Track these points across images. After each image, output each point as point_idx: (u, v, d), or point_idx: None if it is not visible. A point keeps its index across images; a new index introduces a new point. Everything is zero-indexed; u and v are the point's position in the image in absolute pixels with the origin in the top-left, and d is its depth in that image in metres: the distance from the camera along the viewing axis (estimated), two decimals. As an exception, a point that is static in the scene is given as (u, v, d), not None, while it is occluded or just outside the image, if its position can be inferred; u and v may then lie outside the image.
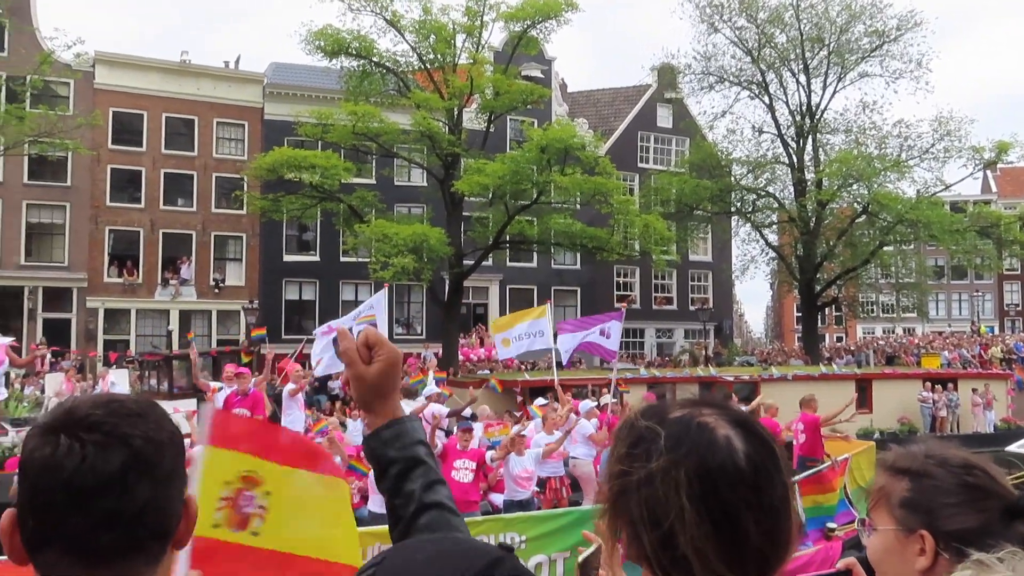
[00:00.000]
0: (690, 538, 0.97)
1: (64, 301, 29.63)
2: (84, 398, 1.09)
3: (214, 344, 29.52)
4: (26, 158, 27.57)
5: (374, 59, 26.91)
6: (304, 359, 26.51)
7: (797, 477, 9.11)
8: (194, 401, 20.69)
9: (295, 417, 11.19)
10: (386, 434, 1.29)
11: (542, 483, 10.31)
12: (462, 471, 9.08)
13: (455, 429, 10.40)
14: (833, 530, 8.41)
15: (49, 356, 25.40)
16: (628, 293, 37.93)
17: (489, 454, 9.81)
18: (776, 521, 1.00)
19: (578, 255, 32.41)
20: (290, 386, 11.11)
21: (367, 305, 13.67)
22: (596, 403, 13.41)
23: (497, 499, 10.07)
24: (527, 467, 9.64)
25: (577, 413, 11.45)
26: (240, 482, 2.08)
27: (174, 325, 30.27)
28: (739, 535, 0.98)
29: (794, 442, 11.80)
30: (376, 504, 8.69)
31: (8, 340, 12.61)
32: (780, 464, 1.04)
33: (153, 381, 22.87)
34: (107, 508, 0.99)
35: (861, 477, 10.70)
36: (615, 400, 13.80)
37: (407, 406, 11.50)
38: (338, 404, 23.66)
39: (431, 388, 12.87)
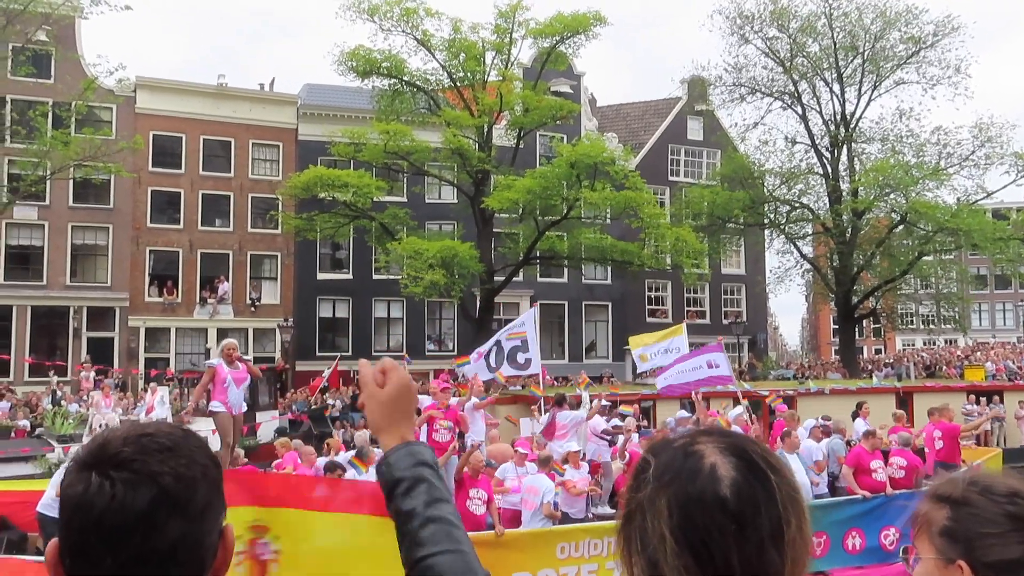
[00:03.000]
0: (672, 567, 0.97)
1: (107, 320, 30.37)
2: (118, 431, 1.11)
3: (250, 361, 29.92)
4: (71, 181, 28.39)
5: (405, 78, 27.30)
6: (340, 376, 26.89)
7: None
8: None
9: (478, 429, 11.33)
10: (395, 456, 1.33)
11: None
12: None
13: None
14: None
15: (94, 375, 26.07)
16: (660, 307, 37.68)
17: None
18: (762, 553, 0.98)
19: (609, 269, 32.32)
20: (474, 400, 11.36)
21: (519, 321, 13.95)
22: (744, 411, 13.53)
23: None
24: None
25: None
26: (250, 532, 2.13)
27: (212, 343, 30.82)
28: (720, 566, 0.96)
29: (926, 450, 12.29)
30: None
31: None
32: (776, 495, 1.01)
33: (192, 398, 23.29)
34: (137, 546, 1.00)
35: None
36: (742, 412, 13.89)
37: (568, 416, 11.63)
38: (360, 421, 23.89)
39: (586, 400, 12.93)
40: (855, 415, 15.31)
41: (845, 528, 9.72)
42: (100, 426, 20.53)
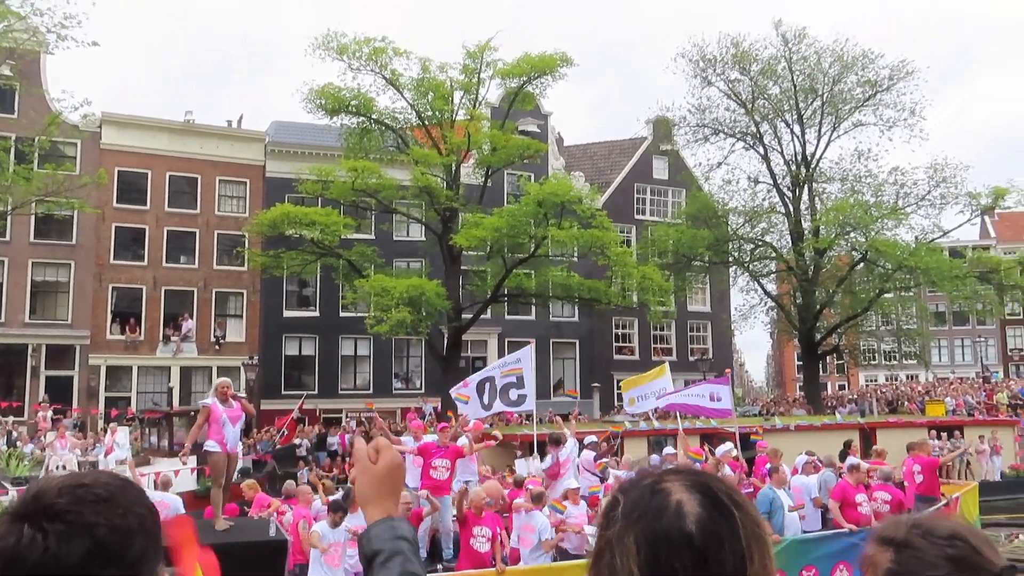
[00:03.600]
0: None
1: (67, 359, 29.72)
2: (53, 480, 1.09)
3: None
4: (32, 217, 27.96)
5: (373, 116, 27.46)
6: (306, 414, 26.55)
7: (928, 511, 9.72)
8: (194, 459, 20.64)
9: (470, 469, 11.41)
10: (377, 529, 1.38)
11: None
12: None
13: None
14: None
15: (51, 414, 25.43)
16: (627, 344, 37.89)
17: None
18: None
19: (576, 307, 32.48)
20: (465, 439, 11.51)
21: (515, 358, 13.81)
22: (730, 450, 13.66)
23: None
24: None
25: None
26: None
27: (175, 382, 30.30)
28: None
29: (906, 483, 12.64)
30: None
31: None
32: (739, 531, 1.04)
33: (154, 438, 22.79)
34: None
35: (968, 513, 11.82)
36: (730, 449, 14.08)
37: (565, 454, 11.75)
38: (337, 459, 23.56)
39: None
40: (844, 454, 15.81)
41: (834, 561, 10.03)
42: (57, 468, 19.98)
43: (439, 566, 9.83)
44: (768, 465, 11.96)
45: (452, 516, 10.06)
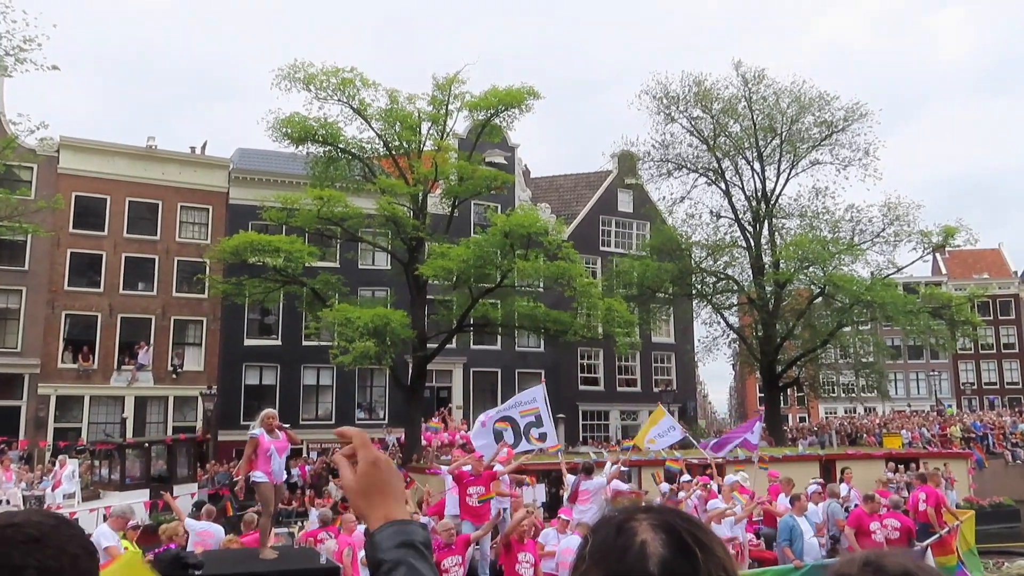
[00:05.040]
0: None
1: (14, 388, 28.72)
2: None
3: (170, 431, 28.68)
4: (-17, 241, 27.18)
5: (340, 145, 27.36)
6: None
7: (927, 542, 11.41)
8: (147, 492, 20.01)
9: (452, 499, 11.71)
10: (379, 536, 1.31)
11: None
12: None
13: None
14: None
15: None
16: (592, 375, 37.95)
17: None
18: None
19: (542, 338, 32.50)
20: (498, 467, 11.89)
21: (529, 398, 14.18)
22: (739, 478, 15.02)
23: None
24: (726, 533, 11.16)
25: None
26: None
27: (129, 412, 29.44)
28: None
29: (910, 513, 13.18)
30: None
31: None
32: (700, 570, 1.03)
33: (104, 471, 22.06)
34: None
35: (964, 542, 12.47)
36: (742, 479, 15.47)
37: (592, 484, 12.10)
38: (297, 492, 23.04)
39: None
40: (840, 480, 17.15)
41: None
42: (1, 503, 19.17)
43: None
44: (788, 495, 12.84)
45: (490, 543, 10.65)
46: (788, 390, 36.64)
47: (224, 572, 7.68)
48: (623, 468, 14.24)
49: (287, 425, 10.28)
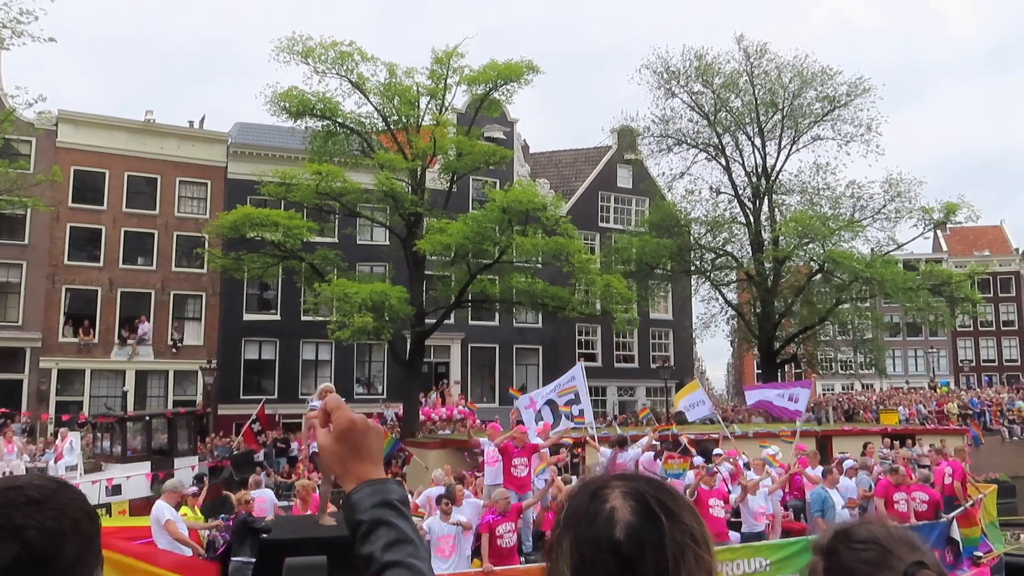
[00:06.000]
0: None
1: (16, 361, 28.87)
2: None
3: (170, 405, 28.88)
4: (-18, 215, 27.19)
5: (339, 120, 27.21)
6: (267, 420, 26.13)
7: (953, 513, 11.96)
8: (148, 464, 20.19)
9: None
10: (355, 497, 1.28)
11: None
12: (716, 508, 10.83)
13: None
14: (980, 558, 10.88)
15: (-1, 419, 24.65)
16: (589, 351, 38.09)
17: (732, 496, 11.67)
18: None
19: (540, 314, 32.57)
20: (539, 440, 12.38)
21: (568, 377, 14.73)
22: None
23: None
24: (761, 504, 11.53)
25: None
26: None
27: (130, 386, 29.62)
28: None
29: (936, 486, 13.70)
30: None
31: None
32: (664, 539, 1.05)
33: (106, 444, 22.23)
34: None
35: (987, 514, 13.06)
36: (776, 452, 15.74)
37: (628, 456, 12.45)
38: (297, 465, 23.24)
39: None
40: (862, 455, 17.68)
41: None
42: (3, 474, 19.38)
43: (521, 559, 10.33)
44: (819, 468, 13.38)
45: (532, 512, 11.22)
46: (786, 366, 36.76)
47: (288, 536, 7.93)
48: (655, 442, 14.44)
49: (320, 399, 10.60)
